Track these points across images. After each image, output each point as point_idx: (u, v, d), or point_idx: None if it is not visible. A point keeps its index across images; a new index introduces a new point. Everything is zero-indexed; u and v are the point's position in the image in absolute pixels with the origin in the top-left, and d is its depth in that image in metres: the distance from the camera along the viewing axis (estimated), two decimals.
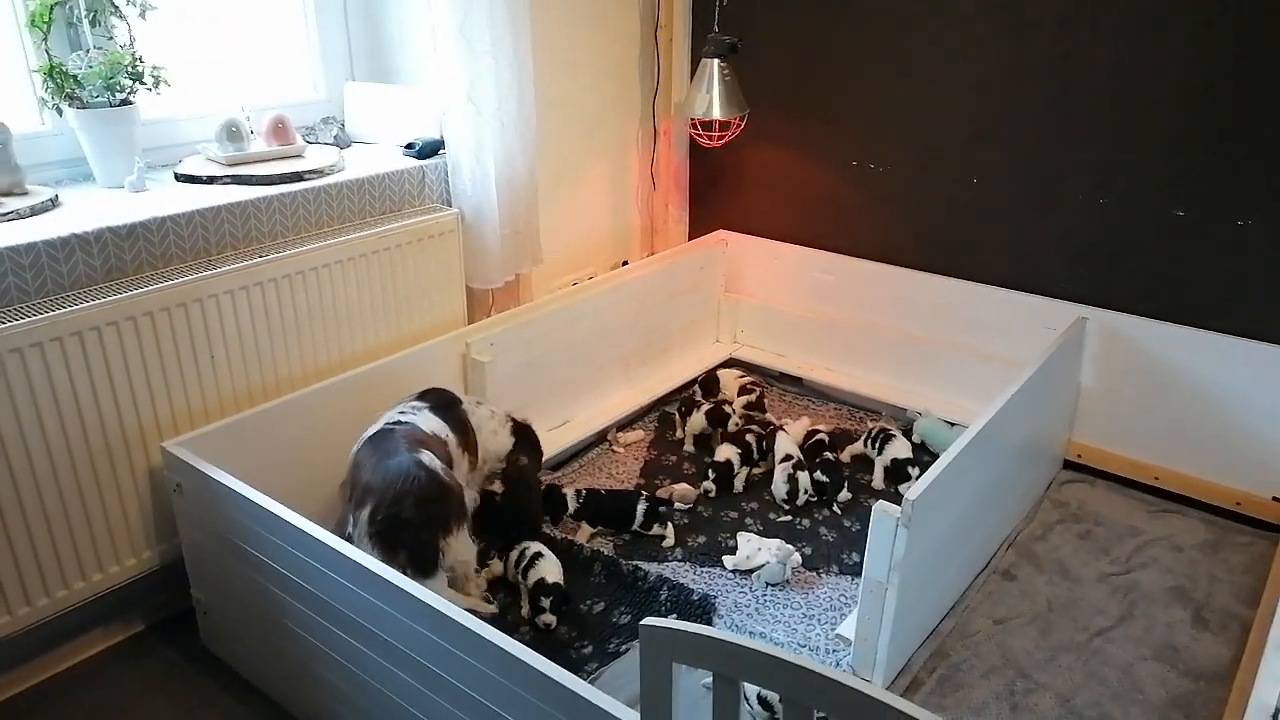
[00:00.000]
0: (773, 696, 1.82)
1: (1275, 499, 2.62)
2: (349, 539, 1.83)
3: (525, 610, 2.23)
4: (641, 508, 2.51)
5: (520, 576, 2.27)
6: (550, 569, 2.25)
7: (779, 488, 2.67)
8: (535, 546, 2.31)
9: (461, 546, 2.00)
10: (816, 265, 3.35)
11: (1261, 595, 2.34)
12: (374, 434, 2.11)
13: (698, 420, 2.97)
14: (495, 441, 2.42)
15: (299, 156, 2.53)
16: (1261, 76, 2.41)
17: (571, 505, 2.56)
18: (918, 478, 1.94)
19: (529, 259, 2.86)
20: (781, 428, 2.91)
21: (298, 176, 2.39)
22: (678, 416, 3.07)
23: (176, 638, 2.23)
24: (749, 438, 2.84)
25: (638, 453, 3.00)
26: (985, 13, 2.78)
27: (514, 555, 2.31)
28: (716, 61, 3.03)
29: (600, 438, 3.04)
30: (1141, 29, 2.55)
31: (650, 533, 2.52)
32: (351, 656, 1.77)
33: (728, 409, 3.03)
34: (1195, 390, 2.68)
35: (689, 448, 2.99)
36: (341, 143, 2.76)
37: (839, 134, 3.18)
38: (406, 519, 1.89)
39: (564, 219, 3.23)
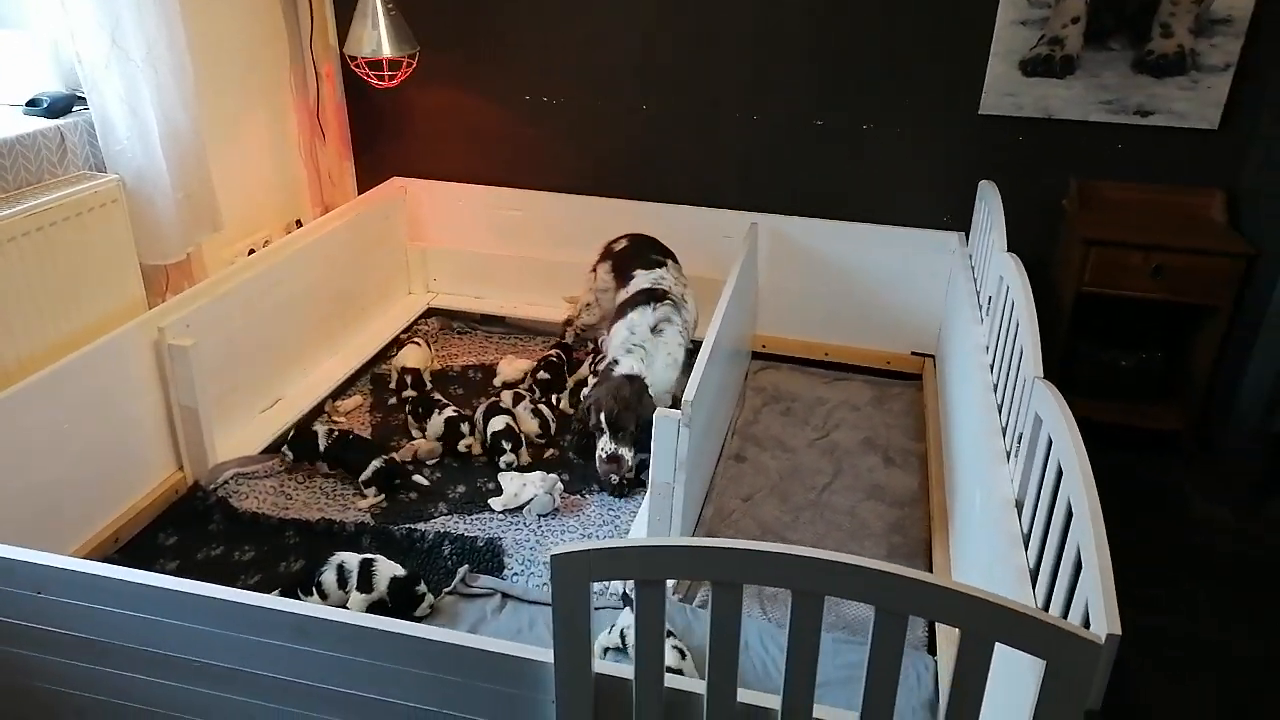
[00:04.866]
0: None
1: (913, 353, 3.21)
2: None
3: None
4: (377, 465, 2.43)
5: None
6: (389, 568, 2.06)
7: (530, 424, 2.69)
8: (351, 562, 2.05)
9: None
10: (502, 203, 3.36)
11: (924, 431, 2.87)
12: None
13: (437, 423, 2.67)
14: (660, 369, 2.61)
15: None
16: (873, 8, 2.86)
17: (322, 444, 2.49)
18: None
19: (208, 225, 2.53)
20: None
21: None
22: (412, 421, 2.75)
23: None
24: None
25: (360, 419, 2.84)
26: None
27: (331, 577, 2.04)
28: None
29: (318, 411, 2.82)
30: None
31: (368, 493, 2.44)
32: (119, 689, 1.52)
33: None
34: (843, 273, 3.16)
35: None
36: None
37: (510, 69, 3.19)
38: None
39: (226, 179, 2.86)
